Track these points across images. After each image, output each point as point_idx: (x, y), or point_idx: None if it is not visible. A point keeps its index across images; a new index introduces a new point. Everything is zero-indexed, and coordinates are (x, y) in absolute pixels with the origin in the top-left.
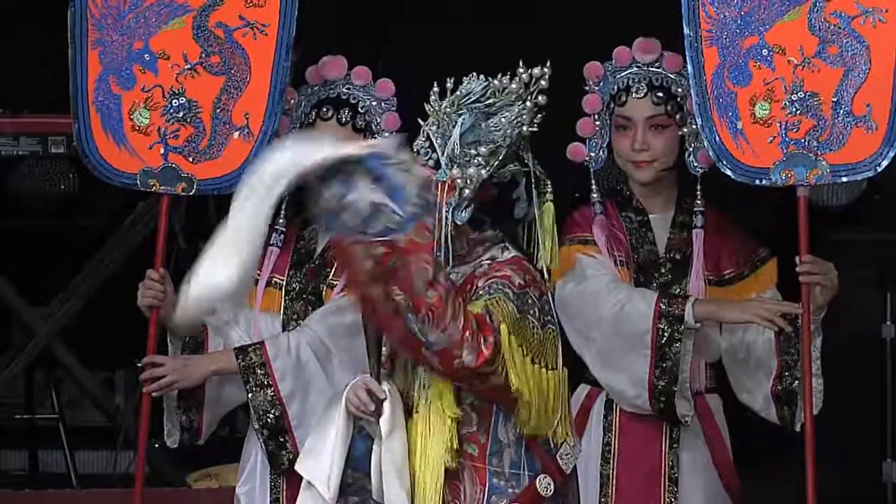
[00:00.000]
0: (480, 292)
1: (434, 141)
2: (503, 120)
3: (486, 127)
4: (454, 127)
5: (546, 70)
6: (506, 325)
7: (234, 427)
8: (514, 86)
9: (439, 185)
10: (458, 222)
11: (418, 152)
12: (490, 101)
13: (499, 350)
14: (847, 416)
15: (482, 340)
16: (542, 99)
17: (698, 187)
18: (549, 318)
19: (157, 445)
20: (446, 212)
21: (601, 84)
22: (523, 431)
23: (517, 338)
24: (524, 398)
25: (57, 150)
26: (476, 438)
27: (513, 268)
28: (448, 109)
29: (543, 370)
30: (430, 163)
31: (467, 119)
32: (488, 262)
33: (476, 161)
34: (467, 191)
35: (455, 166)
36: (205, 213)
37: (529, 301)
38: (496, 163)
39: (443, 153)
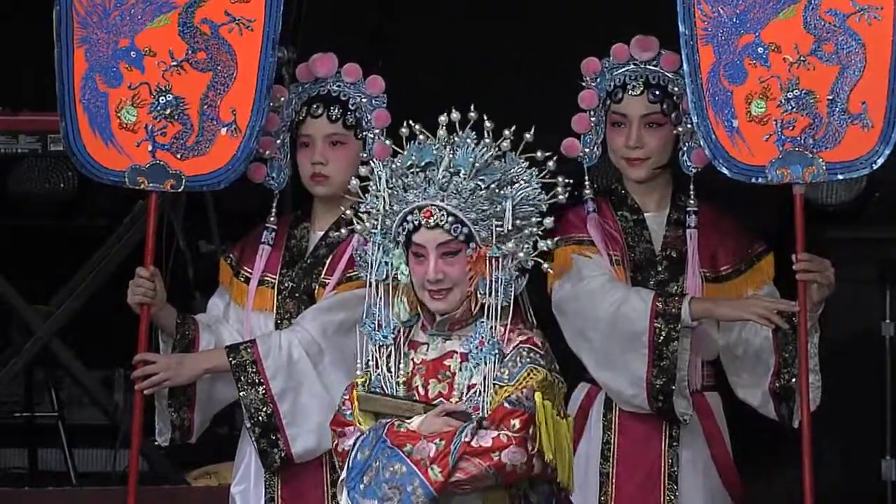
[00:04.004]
0: (510, 364)
1: (461, 216)
2: (528, 189)
3: (518, 192)
4: (490, 202)
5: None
6: (540, 392)
7: (232, 425)
8: (488, 140)
9: (491, 260)
10: (519, 291)
11: (440, 226)
12: (497, 168)
13: (532, 419)
14: (846, 413)
15: (511, 428)
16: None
17: (691, 187)
18: (557, 366)
19: (156, 443)
20: (512, 285)
21: (598, 80)
22: (566, 491)
23: (550, 402)
24: (554, 463)
25: (56, 149)
26: (511, 502)
27: (526, 327)
28: (465, 183)
29: (560, 419)
30: (461, 237)
31: (507, 191)
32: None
33: (532, 232)
34: (521, 261)
35: (510, 241)
36: (203, 212)
37: (550, 357)
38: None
39: (485, 229)
